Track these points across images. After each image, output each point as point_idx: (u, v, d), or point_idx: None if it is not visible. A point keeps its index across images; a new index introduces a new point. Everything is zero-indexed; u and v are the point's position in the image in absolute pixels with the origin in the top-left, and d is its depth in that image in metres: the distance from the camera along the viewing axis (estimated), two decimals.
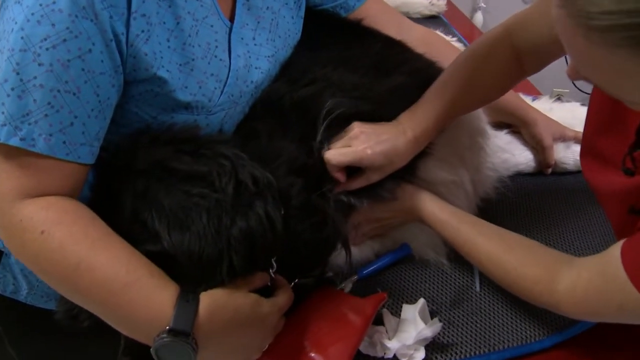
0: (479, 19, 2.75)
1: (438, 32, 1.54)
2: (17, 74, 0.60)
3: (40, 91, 0.61)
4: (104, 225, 0.64)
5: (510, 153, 1.04)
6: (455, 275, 0.88)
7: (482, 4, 2.76)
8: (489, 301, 0.83)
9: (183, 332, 0.58)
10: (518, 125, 1.07)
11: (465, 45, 1.53)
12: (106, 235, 0.63)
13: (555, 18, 0.49)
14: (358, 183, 0.80)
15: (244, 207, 0.64)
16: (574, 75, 0.55)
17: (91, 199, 0.69)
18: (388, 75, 0.85)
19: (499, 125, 1.07)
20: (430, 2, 1.76)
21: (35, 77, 0.60)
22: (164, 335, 0.57)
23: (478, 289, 0.85)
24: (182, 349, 0.58)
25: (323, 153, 0.77)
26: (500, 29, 0.82)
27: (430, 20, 1.71)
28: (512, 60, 0.81)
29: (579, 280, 0.67)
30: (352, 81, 0.82)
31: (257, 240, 0.64)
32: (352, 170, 0.80)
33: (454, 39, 1.53)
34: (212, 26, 0.75)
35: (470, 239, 0.78)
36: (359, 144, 0.77)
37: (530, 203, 1.01)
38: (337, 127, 0.79)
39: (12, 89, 0.60)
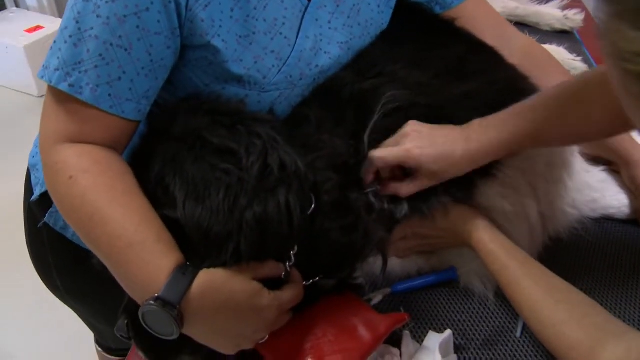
0: None
1: (562, 48, 1.40)
2: (77, 22, 0.63)
3: (94, 42, 0.62)
4: (131, 182, 0.65)
5: (600, 193, 0.91)
6: (497, 313, 0.78)
7: None
8: (527, 351, 0.73)
9: (170, 303, 0.57)
10: (618, 164, 0.93)
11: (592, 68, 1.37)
12: (129, 192, 0.63)
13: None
14: (407, 188, 0.73)
15: (265, 191, 0.61)
16: None
17: (133, 153, 0.71)
18: (463, 80, 0.77)
19: (595, 160, 0.94)
20: (564, 16, 1.59)
21: (92, 28, 0.62)
22: (152, 302, 0.57)
23: (519, 335, 0.75)
24: (166, 320, 0.57)
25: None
26: None
27: (559, 34, 1.55)
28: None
29: (627, 357, 0.57)
30: (419, 80, 0.76)
31: (270, 228, 0.61)
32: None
33: (579, 58, 1.37)
34: (282, 2, 0.73)
35: (515, 279, 0.70)
36: (408, 142, 0.70)
37: (610, 253, 0.87)
38: (392, 122, 0.73)
39: (70, 37, 0.63)
